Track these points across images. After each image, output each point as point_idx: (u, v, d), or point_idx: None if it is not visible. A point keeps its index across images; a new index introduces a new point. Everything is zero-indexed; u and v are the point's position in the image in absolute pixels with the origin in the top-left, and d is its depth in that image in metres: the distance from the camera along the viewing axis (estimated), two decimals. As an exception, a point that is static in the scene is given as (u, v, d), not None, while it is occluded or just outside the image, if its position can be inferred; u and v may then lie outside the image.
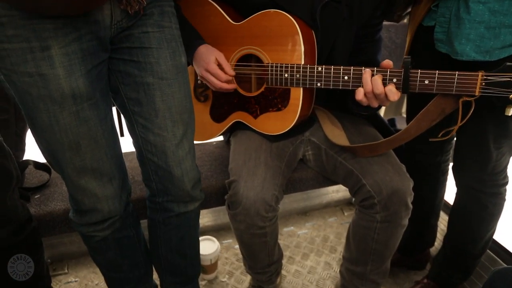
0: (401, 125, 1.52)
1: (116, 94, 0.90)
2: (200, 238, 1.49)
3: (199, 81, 1.23)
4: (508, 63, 0.81)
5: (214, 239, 1.48)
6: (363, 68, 0.94)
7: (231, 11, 1.16)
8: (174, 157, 0.92)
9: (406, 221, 1.09)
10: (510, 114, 0.84)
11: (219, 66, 1.06)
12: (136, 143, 0.95)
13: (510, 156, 1.11)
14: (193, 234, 1.09)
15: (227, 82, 1.07)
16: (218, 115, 1.24)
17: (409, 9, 1.18)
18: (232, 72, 1.07)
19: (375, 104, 0.93)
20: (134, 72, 0.85)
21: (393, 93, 0.89)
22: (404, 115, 1.69)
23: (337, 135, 1.15)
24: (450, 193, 1.41)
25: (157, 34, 0.85)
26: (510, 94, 0.82)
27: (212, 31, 1.16)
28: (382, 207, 1.04)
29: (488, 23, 0.90)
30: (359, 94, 0.93)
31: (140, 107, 0.88)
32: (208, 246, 1.44)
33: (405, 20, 1.36)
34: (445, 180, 1.41)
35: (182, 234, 1.04)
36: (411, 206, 1.06)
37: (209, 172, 1.30)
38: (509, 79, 0.81)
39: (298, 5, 1.06)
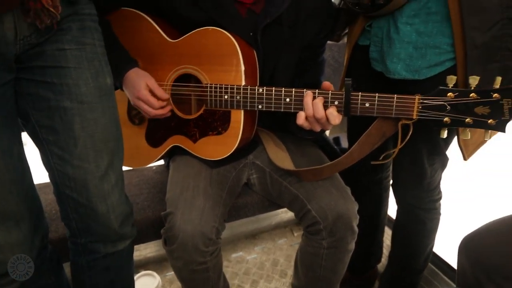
0: (346, 143, 1.52)
1: (27, 121, 0.77)
2: (138, 275, 1.36)
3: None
4: (441, 87, 0.82)
5: (155, 273, 1.36)
6: (304, 90, 0.91)
7: (167, 27, 1.08)
8: (98, 192, 0.80)
9: (352, 245, 1.07)
10: (444, 137, 0.85)
11: (151, 92, 0.97)
12: (52, 177, 0.82)
13: (442, 172, 1.15)
14: (126, 275, 0.96)
15: (161, 107, 0.99)
16: (154, 140, 1.14)
17: (347, 30, 1.19)
18: (166, 96, 1.00)
19: (317, 128, 0.91)
20: (48, 96, 0.74)
21: (334, 116, 0.87)
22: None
23: (281, 158, 1.11)
24: (393, 207, 1.43)
25: (76, 52, 0.74)
26: (444, 117, 0.83)
27: (146, 49, 1.07)
28: (328, 233, 1.01)
29: (415, 43, 0.93)
30: (300, 118, 0.90)
31: (55, 136, 0.76)
32: (147, 283, 1.31)
33: (345, 39, 1.39)
34: (387, 196, 1.43)
35: (111, 278, 0.92)
36: (357, 229, 1.04)
37: (146, 201, 1.19)
38: (443, 102, 0.82)
39: (239, 24, 1.01)
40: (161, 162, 1.32)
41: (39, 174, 0.96)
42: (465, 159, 0.99)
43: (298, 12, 1.03)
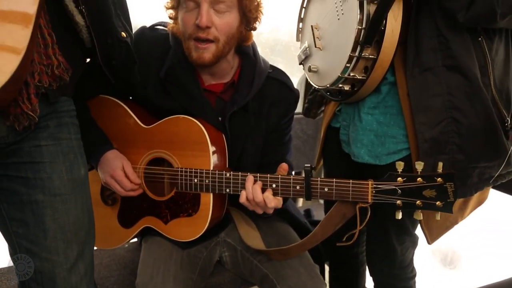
0: (318, 214, 1.56)
1: None
2: None
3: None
4: (391, 172, 0.90)
5: None
6: (268, 176, 0.97)
7: (142, 113, 1.16)
8: (65, 285, 0.80)
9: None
10: (399, 218, 0.91)
11: (125, 174, 1.02)
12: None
13: (414, 250, 1.19)
14: None
15: (132, 190, 1.03)
16: (126, 220, 1.15)
17: (323, 108, 1.29)
18: (138, 181, 1.05)
19: (259, 211, 0.96)
20: (20, 190, 0.76)
21: (270, 199, 0.93)
22: (321, 201, 1.77)
23: (252, 236, 1.14)
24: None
25: (52, 147, 0.78)
26: (397, 201, 0.90)
27: (121, 133, 1.13)
28: (298, 314, 1.01)
29: (376, 131, 1.02)
30: (242, 197, 0.96)
31: (25, 229, 0.78)
32: None
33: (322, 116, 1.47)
34: (364, 270, 1.44)
35: None
36: (326, 309, 1.05)
37: (116, 285, 1.16)
38: (394, 187, 0.89)
39: (208, 111, 1.10)
40: (134, 239, 1.32)
41: (2, 258, 0.95)
42: (429, 243, 1.05)
43: (263, 100, 1.13)
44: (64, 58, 0.75)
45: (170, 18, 1.07)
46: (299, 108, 1.29)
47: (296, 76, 1.95)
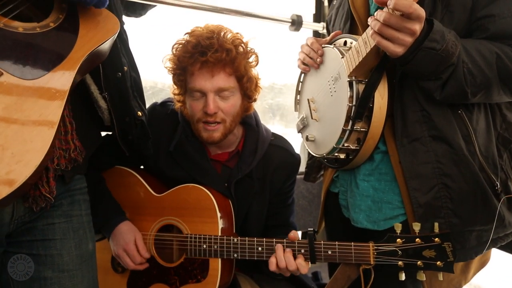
0: (326, 278, 1.55)
1: None
2: None
3: (117, 252, 1.20)
4: (390, 234, 0.94)
5: None
6: (274, 240, 1.02)
7: (153, 181, 1.24)
8: None
9: None
10: (403, 279, 0.93)
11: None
12: None
13: None
14: None
15: (140, 264, 1.09)
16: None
17: (322, 172, 1.35)
18: (147, 255, 1.10)
19: (287, 275, 0.99)
20: None
21: (303, 266, 0.96)
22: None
23: (259, 302, 1.15)
24: None
25: (64, 224, 0.83)
26: (398, 261, 0.93)
27: (134, 201, 1.20)
28: None
29: (373, 197, 1.04)
30: (272, 266, 0.98)
31: None
32: None
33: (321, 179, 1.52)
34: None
35: None
36: None
37: None
38: (394, 248, 0.93)
39: (214, 179, 1.18)
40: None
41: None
42: None
43: (266, 166, 1.22)
44: (80, 142, 0.83)
45: (178, 101, 1.18)
46: (303, 169, 1.35)
47: (300, 138, 2.04)
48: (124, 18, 1.03)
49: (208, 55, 1.04)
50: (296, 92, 1.26)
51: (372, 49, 0.87)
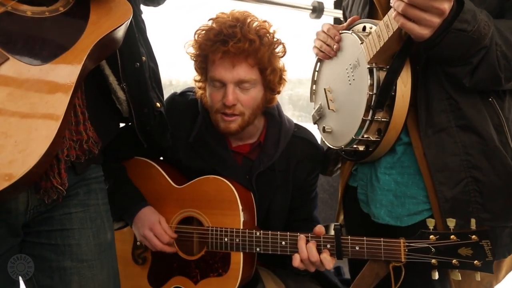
0: (347, 273, 1.51)
1: (27, 281, 0.81)
2: None
3: (138, 243, 1.19)
4: (423, 230, 0.89)
5: None
6: (298, 234, 0.98)
7: (174, 173, 1.22)
8: None
9: None
10: (436, 278, 0.88)
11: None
12: None
13: None
14: None
15: (168, 244, 1.06)
16: (156, 280, 1.16)
17: (339, 165, 1.30)
18: (174, 235, 1.08)
19: (312, 269, 0.95)
20: (50, 257, 0.79)
21: (328, 260, 0.92)
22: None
23: (281, 297, 1.12)
24: None
25: (81, 214, 0.82)
26: (432, 259, 0.88)
27: (154, 193, 1.18)
28: None
29: (395, 192, 0.99)
30: (296, 261, 0.95)
31: None
32: None
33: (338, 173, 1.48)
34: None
35: None
36: None
37: None
38: (427, 245, 0.88)
39: (235, 171, 1.14)
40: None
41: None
42: None
43: (289, 159, 1.17)
44: (95, 133, 0.81)
45: (199, 88, 1.16)
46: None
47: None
48: (142, 7, 1.00)
49: (230, 44, 1.00)
50: (312, 82, 1.20)
51: (394, 32, 0.81)
